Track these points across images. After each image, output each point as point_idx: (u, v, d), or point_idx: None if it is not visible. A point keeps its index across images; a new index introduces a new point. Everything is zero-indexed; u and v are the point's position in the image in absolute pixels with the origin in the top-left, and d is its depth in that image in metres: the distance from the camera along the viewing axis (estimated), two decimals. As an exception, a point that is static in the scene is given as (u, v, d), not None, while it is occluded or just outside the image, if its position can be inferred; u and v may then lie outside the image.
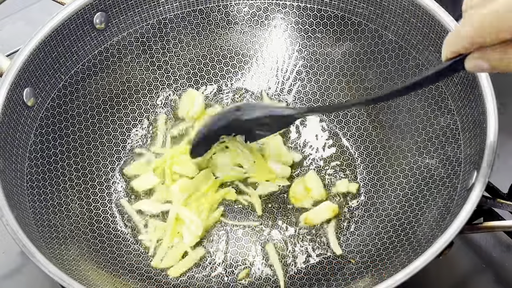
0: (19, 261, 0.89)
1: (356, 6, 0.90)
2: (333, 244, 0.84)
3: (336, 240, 0.84)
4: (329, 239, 0.84)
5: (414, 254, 0.73)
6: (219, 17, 0.96)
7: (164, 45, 0.95)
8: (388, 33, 0.89)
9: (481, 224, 0.75)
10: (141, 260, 0.84)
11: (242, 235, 0.85)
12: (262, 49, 0.98)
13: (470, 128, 0.77)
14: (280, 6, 0.95)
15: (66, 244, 0.79)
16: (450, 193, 0.76)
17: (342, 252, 0.83)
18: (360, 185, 0.89)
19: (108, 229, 0.86)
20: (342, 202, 0.87)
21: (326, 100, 0.95)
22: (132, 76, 0.95)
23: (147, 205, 0.88)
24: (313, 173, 0.89)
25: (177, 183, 0.88)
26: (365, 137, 0.92)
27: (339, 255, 0.82)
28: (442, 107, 0.83)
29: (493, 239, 0.87)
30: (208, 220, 0.85)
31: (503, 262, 0.85)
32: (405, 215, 0.82)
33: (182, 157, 0.90)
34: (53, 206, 0.82)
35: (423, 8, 0.83)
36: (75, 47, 0.88)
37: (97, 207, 0.87)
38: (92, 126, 0.91)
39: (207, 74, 0.98)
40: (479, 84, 0.75)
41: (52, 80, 0.86)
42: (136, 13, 0.91)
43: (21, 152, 0.81)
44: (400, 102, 0.89)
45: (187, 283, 0.82)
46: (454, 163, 0.79)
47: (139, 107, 0.95)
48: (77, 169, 0.88)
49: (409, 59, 0.87)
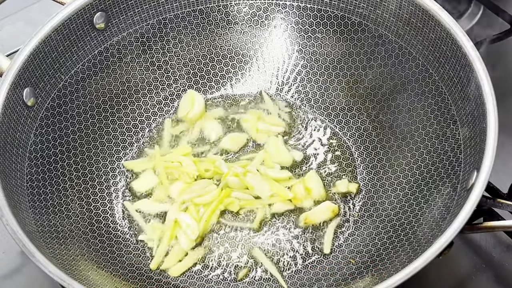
0: (19, 261, 0.89)
1: (356, 6, 0.90)
2: (326, 242, 0.83)
3: (330, 239, 0.84)
4: (324, 238, 0.84)
5: (414, 254, 0.73)
6: (219, 17, 0.96)
7: (164, 45, 0.95)
8: (388, 33, 0.89)
9: (481, 224, 0.75)
10: (141, 260, 0.84)
11: (242, 236, 0.85)
12: (262, 49, 0.98)
13: (470, 128, 0.77)
14: (280, 6, 0.95)
15: (66, 244, 0.79)
16: (450, 193, 0.76)
17: (329, 252, 0.83)
18: (360, 185, 0.89)
19: (108, 229, 0.86)
20: (342, 202, 0.87)
21: (326, 100, 0.95)
22: (132, 76, 0.95)
23: (147, 205, 0.88)
24: (313, 173, 0.89)
25: (175, 184, 0.88)
26: (365, 137, 0.92)
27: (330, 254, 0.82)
28: (442, 107, 0.83)
29: (493, 239, 0.87)
30: (207, 223, 0.85)
31: (503, 262, 0.85)
32: (405, 215, 0.82)
33: (181, 159, 0.90)
34: (53, 206, 0.82)
35: (423, 8, 0.83)
36: (75, 47, 0.88)
37: (97, 207, 0.87)
38: (92, 126, 0.91)
39: (207, 74, 0.98)
40: (479, 84, 0.75)
41: (52, 80, 0.86)
42: (136, 13, 0.91)
43: (21, 152, 0.81)
44: (400, 102, 0.89)
45: (187, 283, 0.82)
46: (454, 163, 0.79)
47: (139, 107, 0.95)
48: (77, 169, 0.88)
49: (409, 59, 0.87)
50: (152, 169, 0.91)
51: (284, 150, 0.91)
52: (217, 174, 0.89)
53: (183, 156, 0.90)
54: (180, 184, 0.88)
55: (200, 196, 0.86)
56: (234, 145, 0.93)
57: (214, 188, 0.87)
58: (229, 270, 0.82)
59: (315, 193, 0.87)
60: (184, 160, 0.89)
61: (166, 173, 0.89)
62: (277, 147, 0.91)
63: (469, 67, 0.77)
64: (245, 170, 0.87)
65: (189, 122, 0.95)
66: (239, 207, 0.87)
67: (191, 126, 0.95)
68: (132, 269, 0.82)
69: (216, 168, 0.89)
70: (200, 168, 0.89)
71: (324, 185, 0.88)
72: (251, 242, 0.84)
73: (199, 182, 0.88)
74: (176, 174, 0.89)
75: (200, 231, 0.84)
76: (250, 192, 0.87)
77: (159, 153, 0.92)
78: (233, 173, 0.87)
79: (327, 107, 0.95)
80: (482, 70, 0.76)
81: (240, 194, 0.87)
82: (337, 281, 0.79)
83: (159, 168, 0.90)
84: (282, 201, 0.87)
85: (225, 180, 0.87)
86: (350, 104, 0.94)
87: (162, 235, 0.85)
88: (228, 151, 0.93)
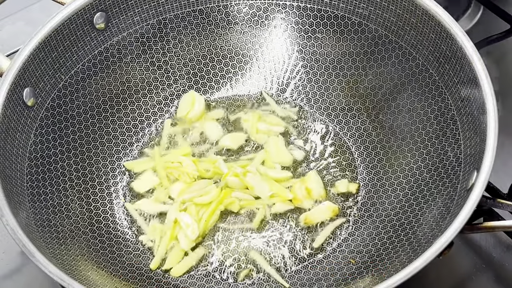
0: (19, 261, 0.89)
1: (356, 6, 0.90)
2: (320, 238, 0.84)
3: (324, 238, 0.84)
4: (320, 235, 0.84)
5: (414, 254, 0.73)
6: (219, 17, 0.96)
7: (164, 45, 0.95)
8: (388, 33, 0.89)
9: (481, 224, 0.75)
10: (141, 260, 0.84)
11: (243, 236, 0.85)
12: (262, 49, 0.98)
13: (470, 128, 0.77)
14: (280, 6, 0.95)
15: (66, 244, 0.79)
16: (450, 193, 0.76)
17: (318, 247, 0.82)
18: (360, 185, 0.89)
19: (108, 229, 0.86)
20: (342, 202, 0.87)
21: (326, 100, 0.95)
22: (132, 76, 0.94)
23: (147, 205, 0.88)
24: (314, 173, 0.89)
25: (175, 184, 0.88)
26: (365, 137, 0.92)
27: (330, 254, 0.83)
28: (442, 107, 0.83)
29: (493, 239, 0.87)
30: (207, 222, 0.85)
31: (503, 262, 0.85)
32: (405, 215, 0.82)
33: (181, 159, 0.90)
34: (53, 206, 0.82)
35: (423, 8, 0.82)
36: (75, 47, 0.88)
37: (97, 207, 0.87)
38: (92, 126, 0.91)
39: (207, 74, 0.98)
40: (479, 84, 0.75)
41: (52, 80, 0.86)
42: (136, 13, 0.91)
43: (21, 152, 0.81)
44: (400, 102, 0.89)
45: (187, 283, 0.82)
46: (454, 163, 0.79)
47: (139, 107, 0.95)
48: (77, 169, 0.88)
49: (409, 59, 0.87)
50: (152, 169, 0.91)
51: (284, 150, 0.91)
52: (217, 174, 0.89)
53: (183, 156, 0.90)
54: (180, 184, 0.88)
55: (200, 196, 0.86)
56: (234, 143, 0.93)
57: (214, 188, 0.87)
58: (230, 271, 0.82)
59: (315, 193, 0.87)
60: (184, 160, 0.89)
61: (166, 174, 0.89)
62: (277, 147, 0.91)
63: (469, 67, 0.77)
64: (245, 170, 0.87)
65: (189, 122, 0.95)
66: (239, 207, 0.87)
67: (190, 126, 0.95)
68: (132, 269, 0.82)
69: (216, 168, 0.89)
70: (200, 168, 0.89)
71: (324, 185, 0.88)
72: (251, 242, 0.84)
73: (199, 182, 0.88)
74: (176, 174, 0.89)
75: (200, 231, 0.84)
76: (250, 192, 0.87)
77: (159, 154, 0.92)
78: (233, 173, 0.87)
79: (327, 107, 0.95)
80: (482, 70, 0.76)
81: (240, 194, 0.87)
82: (337, 281, 0.79)
83: (159, 168, 0.90)
84: (282, 202, 0.87)
85: (225, 180, 0.87)
86: (350, 104, 0.94)
87: (162, 235, 0.85)
88: (228, 148, 0.92)
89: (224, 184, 0.87)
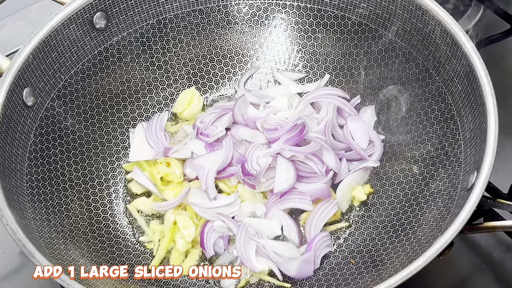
0: (19, 261, 0.89)
1: (356, 6, 0.90)
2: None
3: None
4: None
5: (414, 254, 0.73)
6: (219, 17, 0.96)
7: (164, 45, 0.95)
8: (388, 33, 0.89)
9: (481, 224, 0.75)
10: (141, 260, 0.84)
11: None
12: (262, 49, 0.98)
13: (470, 128, 0.77)
14: (280, 6, 0.95)
15: (66, 244, 0.79)
16: (450, 193, 0.76)
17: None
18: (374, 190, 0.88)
19: (108, 229, 0.86)
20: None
21: (326, 100, 0.95)
22: (132, 76, 0.94)
23: (146, 205, 0.88)
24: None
25: (170, 186, 0.88)
26: (365, 137, 0.92)
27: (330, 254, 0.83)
28: (442, 108, 0.83)
29: (493, 239, 0.87)
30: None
31: (503, 262, 0.85)
32: (405, 215, 0.82)
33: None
34: (53, 206, 0.82)
35: (423, 8, 0.83)
36: (75, 47, 0.88)
37: (97, 207, 0.87)
38: (92, 126, 0.91)
39: (207, 74, 0.98)
40: (479, 84, 0.75)
41: (52, 80, 0.86)
42: (136, 13, 0.91)
43: (21, 152, 0.81)
44: (401, 101, 0.89)
45: (187, 283, 0.82)
46: (454, 163, 0.79)
47: (139, 107, 0.95)
48: (77, 169, 0.88)
49: (409, 59, 0.87)
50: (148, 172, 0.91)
51: None
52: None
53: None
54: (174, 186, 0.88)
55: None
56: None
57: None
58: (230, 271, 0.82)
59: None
60: (172, 161, 0.89)
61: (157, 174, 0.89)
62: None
63: (469, 67, 0.77)
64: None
65: (183, 119, 0.95)
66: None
67: (184, 123, 0.95)
68: (132, 269, 0.82)
69: None
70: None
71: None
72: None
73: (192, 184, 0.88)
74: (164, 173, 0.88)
75: (197, 233, 0.84)
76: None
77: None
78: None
79: (327, 107, 0.95)
80: (482, 70, 0.76)
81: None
82: (337, 281, 0.79)
83: (148, 171, 0.90)
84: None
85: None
86: (350, 104, 0.94)
87: (162, 236, 0.85)
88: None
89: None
